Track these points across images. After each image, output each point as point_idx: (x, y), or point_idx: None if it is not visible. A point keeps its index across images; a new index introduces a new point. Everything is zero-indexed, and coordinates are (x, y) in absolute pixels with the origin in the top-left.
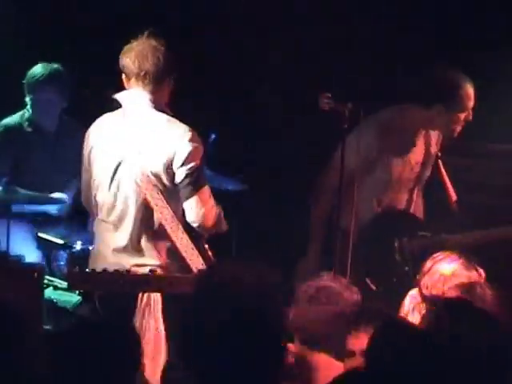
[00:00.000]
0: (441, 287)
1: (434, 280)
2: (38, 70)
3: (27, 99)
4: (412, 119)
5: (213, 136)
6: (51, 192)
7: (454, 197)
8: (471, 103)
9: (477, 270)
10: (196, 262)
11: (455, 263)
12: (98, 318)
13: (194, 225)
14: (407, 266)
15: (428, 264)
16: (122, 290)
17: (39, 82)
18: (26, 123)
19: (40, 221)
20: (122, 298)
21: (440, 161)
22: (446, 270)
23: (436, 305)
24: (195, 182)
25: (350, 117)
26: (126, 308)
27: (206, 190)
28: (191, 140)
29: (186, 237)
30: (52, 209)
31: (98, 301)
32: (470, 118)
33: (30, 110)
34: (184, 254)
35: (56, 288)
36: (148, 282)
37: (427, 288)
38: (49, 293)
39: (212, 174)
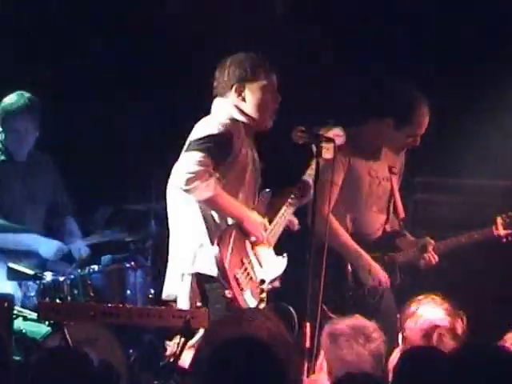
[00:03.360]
0: (426, 329)
1: (418, 324)
2: (14, 99)
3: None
4: (367, 134)
5: None
6: (23, 220)
7: (401, 214)
8: (421, 129)
9: (460, 317)
10: None
11: (440, 308)
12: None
13: None
14: (362, 288)
15: (412, 308)
16: (92, 320)
17: (17, 111)
18: None
19: (10, 250)
20: None
21: (393, 176)
22: (431, 315)
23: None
24: None
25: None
26: None
27: None
28: None
29: None
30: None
31: None
32: (417, 143)
33: (4, 139)
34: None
35: (25, 319)
36: (118, 313)
37: (410, 331)
38: (18, 323)
39: None
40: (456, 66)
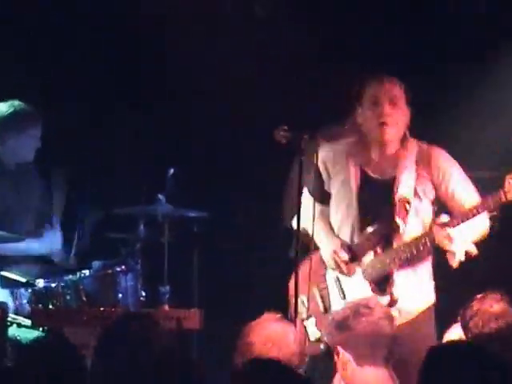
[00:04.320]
0: (493, 326)
1: (484, 319)
2: (20, 106)
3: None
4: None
5: (171, 170)
6: (15, 229)
7: None
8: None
9: None
10: None
11: (502, 302)
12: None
13: None
14: None
15: (475, 306)
16: (86, 325)
17: (33, 117)
18: None
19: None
20: None
21: None
22: (495, 309)
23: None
24: None
25: (306, 148)
26: None
27: None
28: None
29: None
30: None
31: None
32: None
33: (5, 150)
34: None
35: (20, 326)
36: (111, 316)
37: (478, 328)
38: (12, 331)
39: (173, 207)
40: (456, 66)
